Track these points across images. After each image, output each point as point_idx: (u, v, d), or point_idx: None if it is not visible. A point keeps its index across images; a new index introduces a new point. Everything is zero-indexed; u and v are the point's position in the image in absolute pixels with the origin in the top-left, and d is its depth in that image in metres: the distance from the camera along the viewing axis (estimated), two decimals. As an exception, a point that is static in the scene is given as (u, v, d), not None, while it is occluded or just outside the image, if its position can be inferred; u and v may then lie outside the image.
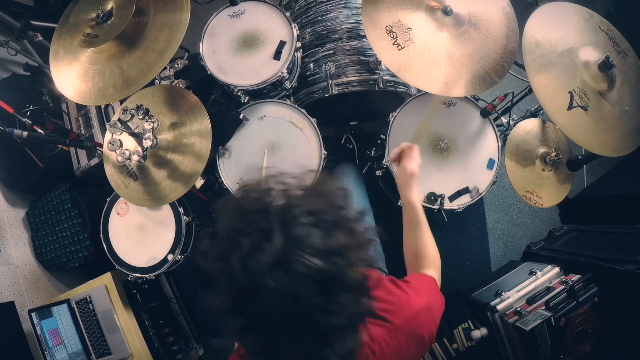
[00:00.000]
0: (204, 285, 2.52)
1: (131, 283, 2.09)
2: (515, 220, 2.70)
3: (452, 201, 1.80)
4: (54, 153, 2.35)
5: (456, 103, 1.85)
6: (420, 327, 0.95)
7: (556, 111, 1.51)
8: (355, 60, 1.96)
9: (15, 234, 2.40)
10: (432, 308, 0.99)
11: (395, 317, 0.92)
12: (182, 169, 1.65)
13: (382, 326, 0.91)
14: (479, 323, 1.95)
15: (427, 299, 1.00)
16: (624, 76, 1.63)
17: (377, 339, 0.90)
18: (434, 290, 1.08)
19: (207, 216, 2.23)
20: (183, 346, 2.34)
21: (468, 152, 1.83)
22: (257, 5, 1.96)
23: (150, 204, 1.72)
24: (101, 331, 2.08)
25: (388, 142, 1.81)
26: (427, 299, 0.99)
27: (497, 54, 1.65)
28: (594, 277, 1.84)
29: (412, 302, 0.96)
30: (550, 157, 1.80)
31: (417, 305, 0.96)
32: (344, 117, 2.32)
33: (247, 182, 0.83)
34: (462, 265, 2.54)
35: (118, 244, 2.00)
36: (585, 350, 1.76)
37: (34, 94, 2.40)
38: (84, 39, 1.60)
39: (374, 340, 0.90)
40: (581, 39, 1.62)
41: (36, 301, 2.29)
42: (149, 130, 1.64)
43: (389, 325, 0.91)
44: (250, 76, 1.86)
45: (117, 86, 1.59)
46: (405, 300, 0.96)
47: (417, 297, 0.97)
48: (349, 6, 1.98)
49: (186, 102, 1.71)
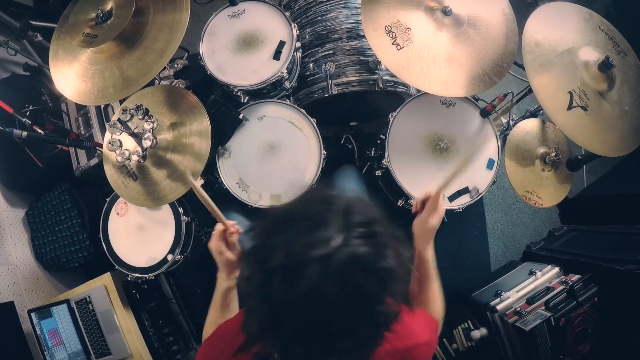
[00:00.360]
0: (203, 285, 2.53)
1: (131, 283, 2.08)
2: (515, 220, 2.70)
3: (451, 201, 1.80)
4: (54, 153, 2.34)
5: (456, 103, 1.85)
6: (417, 358, 0.96)
7: (556, 111, 1.51)
8: (355, 60, 1.96)
9: (14, 234, 2.39)
10: (432, 347, 1.02)
11: (398, 342, 0.91)
12: (182, 169, 1.65)
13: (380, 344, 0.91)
14: (478, 323, 1.96)
15: (429, 336, 1.02)
16: (623, 76, 1.64)
17: (379, 357, 0.90)
18: (435, 333, 1.09)
19: (207, 216, 2.23)
20: (183, 346, 2.33)
21: (468, 152, 1.83)
22: (257, 5, 1.96)
23: (150, 204, 1.72)
24: (101, 331, 2.08)
25: (388, 142, 1.81)
26: (429, 336, 1.01)
27: (497, 55, 1.65)
28: (594, 277, 1.84)
29: (417, 333, 0.98)
30: (550, 157, 1.80)
31: (422, 338, 0.98)
32: (343, 117, 2.31)
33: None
34: (462, 265, 2.55)
35: (117, 244, 1.99)
36: (585, 350, 1.76)
37: (34, 94, 2.39)
38: (83, 39, 1.60)
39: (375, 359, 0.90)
40: (581, 39, 1.62)
41: (36, 301, 2.29)
42: (148, 130, 1.63)
43: (388, 346, 0.89)
44: (250, 76, 1.86)
45: (117, 86, 1.59)
46: (412, 330, 0.97)
47: (423, 331, 1.00)
48: (349, 6, 1.99)
49: (186, 102, 1.71)
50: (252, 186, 1.82)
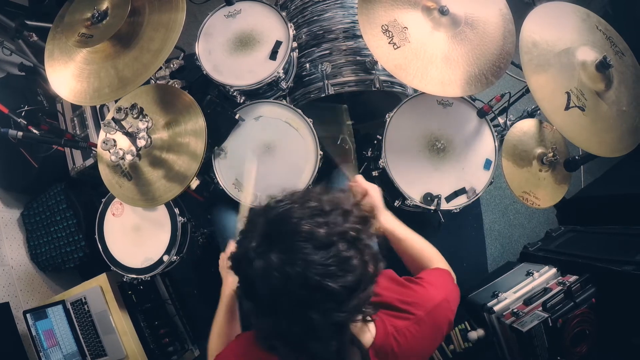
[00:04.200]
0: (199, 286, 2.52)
1: (126, 284, 2.07)
2: (512, 220, 2.69)
3: (448, 202, 1.79)
4: (49, 153, 2.34)
5: (453, 103, 1.85)
6: (440, 317, 1.01)
7: (553, 111, 1.50)
8: (352, 60, 1.95)
9: (10, 235, 2.39)
10: (449, 300, 1.04)
11: (418, 309, 0.98)
12: (177, 169, 1.64)
13: (406, 318, 0.97)
14: (475, 324, 1.95)
15: (445, 291, 1.05)
16: (621, 76, 1.63)
17: (401, 330, 0.95)
18: (450, 282, 1.13)
19: (203, 217, 2.22)
20: (179, 347, 2.33)
21: (465, 153, 1.82)
22: (253, 5, 1.95)
23: (145, 204, 1.71)
24: (96, 332, 2.07)
25: (384, 143, 1.80)
26: (445, 292, 1.05)
27: (494, 55, 1.64)
28: (591, 278, 1.84)
29: (431, 295, 1.02)
30: (548, 158, 1.80)
31: (437, 298, 1.01)
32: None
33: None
34: (459, 266, 2.53)
35: (113, 244, 1.99)
36: (583, 351, 1.76)
37: (29, 94, 2.39)
38: (79, 38, 1.59)
39: (399, 331, 0.95)
40: (578, 39, 1.62)
41: (31, 302, 2.28)
42: (143, 130, 1.62)
43: (412, 317, 0.97)
44: (246, 76, 1.85)
45: (113, 86, 1.58)
46: (425, 294, 1.02)
47: (435, 290, 1.03)
48: (345, 6, 1.98)
49: (181, 102, 1.70)
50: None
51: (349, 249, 0.78)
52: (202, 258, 2.31)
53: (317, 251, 0.75)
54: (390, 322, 0.95)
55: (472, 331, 1.93)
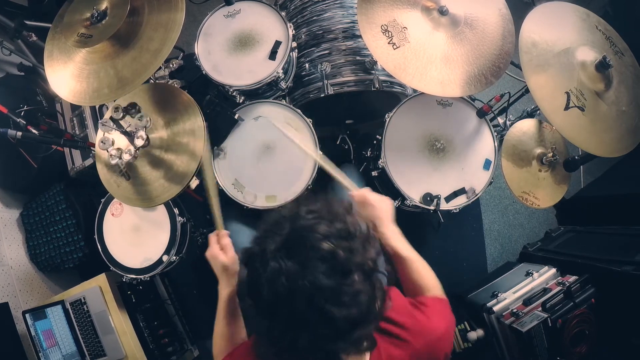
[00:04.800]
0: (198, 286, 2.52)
1: (126, 284, 2.07)
2: (511, 221, 2.69)
3: (448, 202, 1.79)
4: (49, 153, 2.33)
5: (452, 103, 1.85)
6: (438, 350, 0.99)
7: (553, 111, 1.50)
8: (351, 60, 1.95)
9: (9, 235, 2.38)
10: (450, 332, 1.04)
11: (417, 339, 0.96)
12: (176, 169, 1.64)
13: (403, 348, 0.95)
14: (475, 324, 1.95)
15: (446, 324, 1.03)
16: (621, 76, 1.63)
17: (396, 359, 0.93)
18: (451, 314, 1.10)
19: (202, 217, 2.22)
20: (178, 347, 2.32)
21: (464, 153, 1.82)
22: (253, 5, 1.95)
23: (143, 204, 1.70)
24: (95, 332, 2.07)
25: (384, 143, 1.80)
26: (446, 325, 1.03)
27: (493, 55, 1.64)
28: (591, 278, 1.84)
29: (433, 327, 0.99)
30: (547, 158, 1.80)
31: (438, 331, 0.99)
32: (339, 117, 2.31)
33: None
34: (459, 267, 2.54)
35: (113, 244, 1.99)
36: (582, 351, 1.76)
37: (28, 94, 2.38)
38: (78, 38, 1.58)
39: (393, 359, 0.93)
40: (578, 39, 1.61)
41: (30, 302, 2.28)
42: (141, 129, 1.62)
43: (410, 347, 0.95)
44: (246, 76, 1.85)
45: (112, 86, 1.57)
46: (427, 325, 0.99)
47: (437, 323, 1.01)
48: (345, 6, 1.98)
49: (179, 101, 1.70)
50: (247, 187, 1.81)
51: (364, 281, 0.78)
52: (201, 258, 2.29)
53: (332, 275, 0.75)
54: (386, 350, 0.93)
55: (471, 331, 1.93)
